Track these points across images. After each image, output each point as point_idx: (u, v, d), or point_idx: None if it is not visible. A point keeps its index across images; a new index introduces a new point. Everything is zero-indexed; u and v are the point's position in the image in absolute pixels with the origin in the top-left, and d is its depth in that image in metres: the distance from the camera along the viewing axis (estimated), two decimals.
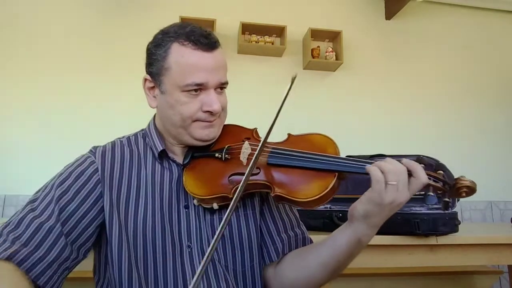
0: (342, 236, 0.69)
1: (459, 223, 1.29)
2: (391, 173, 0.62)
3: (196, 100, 0.74)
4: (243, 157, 0.75)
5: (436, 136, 2.64)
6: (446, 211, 1.18)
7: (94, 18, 2.39)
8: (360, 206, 0.65)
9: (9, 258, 0.62)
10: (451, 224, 1.26)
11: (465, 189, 0.63)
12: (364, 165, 0.66)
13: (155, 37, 0.78)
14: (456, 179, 0.65)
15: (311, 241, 0.86)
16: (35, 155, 2.18)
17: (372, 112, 2.61)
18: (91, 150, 0.80)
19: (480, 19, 2.90)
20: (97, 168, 0.76)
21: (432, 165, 0.67)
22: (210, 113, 0.75)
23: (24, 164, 2.16)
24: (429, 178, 0.64)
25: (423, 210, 1.24)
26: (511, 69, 2.87)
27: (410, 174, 0.63)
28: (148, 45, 0.79)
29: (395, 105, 2.65)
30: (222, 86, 0.78)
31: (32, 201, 0.72)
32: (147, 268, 0.71)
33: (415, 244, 1.26)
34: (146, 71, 0.80)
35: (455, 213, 1.28)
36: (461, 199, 1.35)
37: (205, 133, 0.77)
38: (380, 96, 2.64)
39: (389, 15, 2.74)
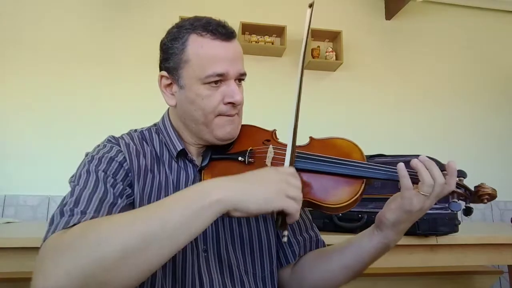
0: (370, 242, 0.69)
1: (459, 223, 1.29)
2: (426, 185, 0.62)
3: (217, 92, 0.72)
4: (268, 161, 0.72)
5: (436, 135, 2.64)
6: (468, 216, 1.20)
7: (94, 18, 2.39)
8: (390, 214, 0.65)
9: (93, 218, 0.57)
10: (451, 224, 1.26)
11: (487, 196, 0.66)
12: (395, 172, 0.65)
13: (170, 32, 0.76)
14: (478, 186, 0.67)
15: (324, 243, 0.85)
16: (35, 155, 2.17)
17: (372, 112, 2.61)
18: (110, 140, 0.76)
19: (480, 19, 2.90)
20: (125, 157, 0.71)
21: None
22: (232, 104, 0.73)
23: (24, 164, 2.16)
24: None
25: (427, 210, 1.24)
26: (511, 69, 2.87)
27: None
28: (162, 41, 0.77)
29: (395, 105, 2.65)
30: (241, 77, 0.76)
31: (76, 185, 0.64)
32: (166, 270, 0.68)
33: (415, 244, 1.26)
34: (162, 67, 0.77)
35: (455, 213, 1.28)
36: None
37: (227, 130, 0.74)
38: (380, 96, 2.64)
39: (389, 15, 2.74)
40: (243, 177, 0.57)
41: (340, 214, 1.37)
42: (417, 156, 0.66)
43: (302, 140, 0.76)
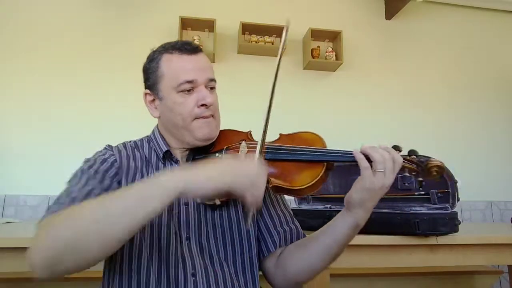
0: (342, 223, 0.76)
1: (459, 223, 1.29)
2: (379, 162, 0.70)
3: (191, 98, 0.82)
4: (241, 155, 0.83)
5: (436, 136, 2.64)
6: (421, 188, 1.22)
7: (94, 19, 2.39)
8: (355, 194, 0.73)
9: None
10: (451, 224, 1.25)
11: (435, 169, 0.69)
12: (350, 154, 0.73)
13: (148, 56, 0.89)
14: (427, 160, 0.71)
15: (305, 235, 0.92)
16: (35, 155, 2.18)
17: (372, 112, 2.61)
18: (106, 148, 0.88)
19: (480, 19, 2.90)
20: (116, 159, 0.84)
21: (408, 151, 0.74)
22: (205, 106, 0.83)
23: (24, 164, 2.16)
24: (404, 161, 0.72)
25: (423, 210, 1.24)
26: (511, 69, 2.87)
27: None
28: (143, 65, 0.89)
29: (395, 105, 2.65)
30: (211, 83, 0.86)
31: (69, 182, 0.77)
32: (152, 251, 0.77)
33: (415, 244, 1.26)
34: (145, 86, 0.89)
35: (455, 213, 1.28)
36: (461, 199, 1.35)
37: (205, 131, 0.84)
38: (380, 96, 2.65)
39: (389, 15, 2.74)
40: (196, 165, 0.64)
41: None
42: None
43: (273, 136, 0.85)
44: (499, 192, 2.61)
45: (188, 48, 0.84)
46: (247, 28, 2.44)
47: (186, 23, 2.39)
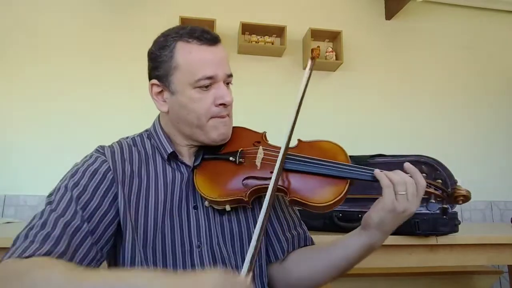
0: (356, 241, 0.73)
1: (459, 223, 1.29)
2: (399, 184, 0.66)
3: (208, 95, 0.75)
4: (257, 161, 0.77)
5: (436, 136, 2.64)
6: (445, 217, 1.21)
7: (94, 19, 2.39)
8: (374, 215, 0.69)
9: (46, 255, 0.59)
10: (451, 224, 1.26)
11: (461, 198, 0.69)
12: (373, 173, 0.70)
13: (157, 41, 0.78)
14: (454, 188, 0.70)
15: (312, 240, 0.89)
16: (35, 155, 2.18)
17: (372, 112, 2.61)
18: (98, 150, 0.78)
19: (480, 19, 2.90)
20: (109, 166, 0.73)
21: (432, 173, 0.71)
22: (224, 105, 0.76)
23: (24, 164, 2.16)
24: (430, 187, 0.69)
25: (423, 210, 1.24)
26: (511, 69, 2.87)
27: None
28: (150, 50, 0.79)
29: (395, 105, 2.65)
30: (229, 79, 0.79)
31: (49, 203, 0.68)
32: (156, 267, 0.70)
33: (415, 244, 1.26)
34: (152, 76, 0.79)
35: (455, 213, 1.29)
36: None
37: (221, 131, 0.78)
38: (380, 96, 2.64)
39: (389, 15, 2.74)
40: (180, 279, 0.51)
41: (341, 215, 1.37)
42: (417, 156, 0.68)
43: (291, 142, 0.80)
44: (499, 192, 2.61)
45: (208, 37, 0.75)
46: (247, 28, 2.44)
47: (186, 23, 2.37)
